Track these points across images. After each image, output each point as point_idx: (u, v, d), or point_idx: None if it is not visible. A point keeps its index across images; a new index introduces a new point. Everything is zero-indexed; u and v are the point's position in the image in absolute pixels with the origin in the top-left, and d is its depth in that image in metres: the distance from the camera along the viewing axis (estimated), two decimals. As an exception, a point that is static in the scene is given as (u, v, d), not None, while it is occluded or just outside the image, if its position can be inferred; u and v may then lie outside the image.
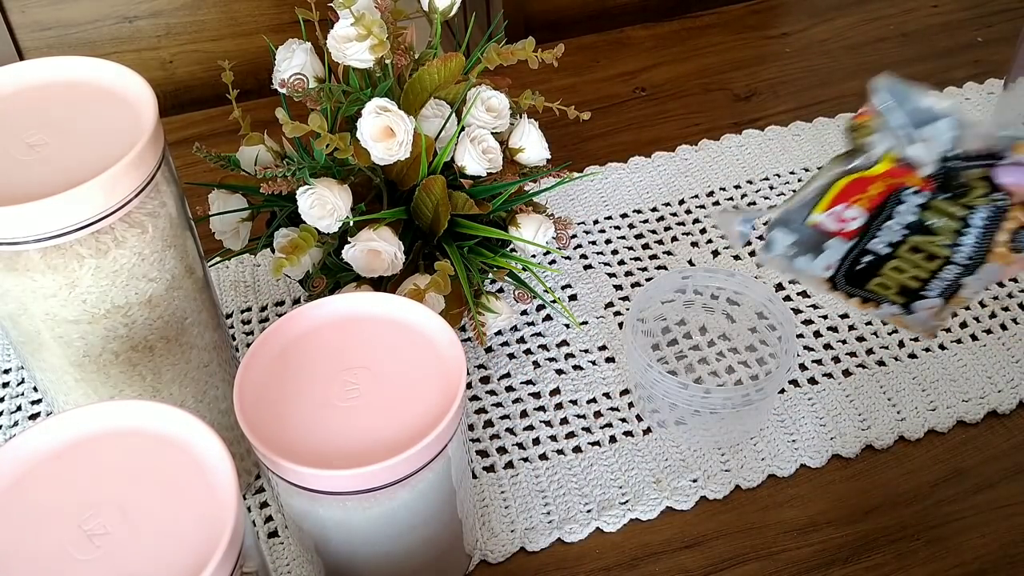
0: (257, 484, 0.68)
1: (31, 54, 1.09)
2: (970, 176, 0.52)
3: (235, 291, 0.83)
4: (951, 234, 0.54)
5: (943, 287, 0.56)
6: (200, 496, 0.44)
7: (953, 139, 0.51)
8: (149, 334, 0.54)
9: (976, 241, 0.54)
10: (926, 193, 0.53)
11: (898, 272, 0.57)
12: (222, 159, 0.70)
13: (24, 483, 0.45)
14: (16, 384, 0.76)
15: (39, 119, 0.52)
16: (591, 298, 0.80)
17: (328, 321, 0.56)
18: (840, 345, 0.75)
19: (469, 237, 0.69)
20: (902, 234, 0.55)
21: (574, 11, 1.23)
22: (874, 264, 0.57)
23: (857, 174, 0.53)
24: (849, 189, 0.54)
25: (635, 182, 0.91)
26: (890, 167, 0.52)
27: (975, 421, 0.70)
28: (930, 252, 0.55)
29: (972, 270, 0.55)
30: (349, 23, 0.63)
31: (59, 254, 0.48)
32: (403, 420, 0.51)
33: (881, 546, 0.63)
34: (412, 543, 0.55)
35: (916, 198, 0.54)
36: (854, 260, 0.57)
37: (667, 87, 1.02)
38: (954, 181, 0.52)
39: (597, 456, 0.69)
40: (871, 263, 0.56)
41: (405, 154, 0.63)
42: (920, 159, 0.52)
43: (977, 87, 0.98)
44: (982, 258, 0.55)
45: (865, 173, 0.53)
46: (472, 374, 0.75)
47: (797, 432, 0.70)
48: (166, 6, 1.09)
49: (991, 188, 0.52)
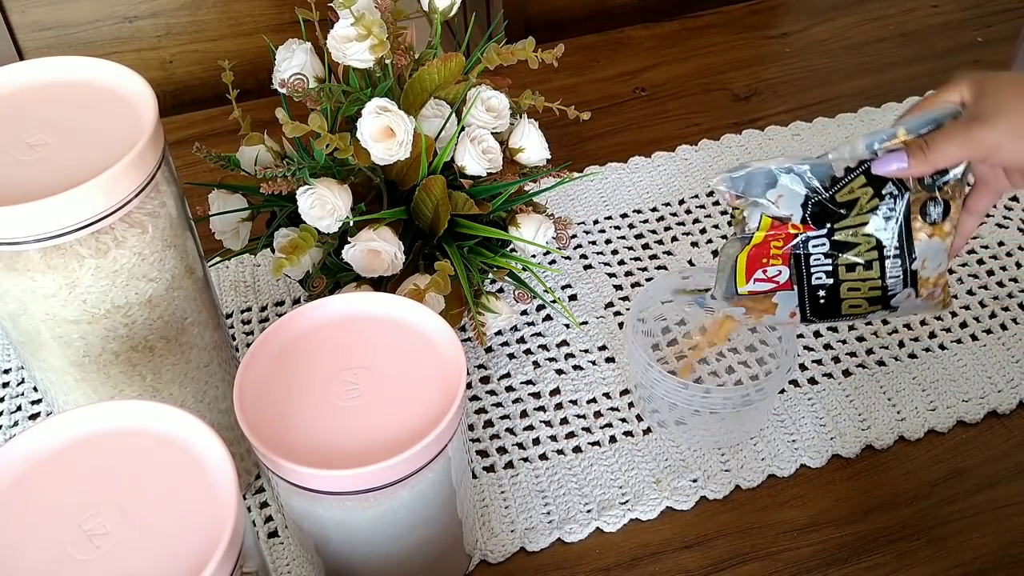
0: (257, 484, 0.68)
1: (31, 54, 1.09)
2: (850, 192, 0.58)
3: (235, 291, 0.83)
4: (867, 238, 0.58)
5: (900, 279, 0.58)
6: (200, 496, 0.44)
7: (805, 182, 0.58)
8: (149, 334, 0.54)
9: (894, 233, 0.58)
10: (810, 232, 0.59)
11: (855, 290, 0.59)
12: (222, 159, 0.70)
13: (24, 483, 0.45)
14: (16, 384, 0.76)
15: (39, 119, 0.52)
16: (591, 298, 0.80)
17: (328, 321, 0.56)
18: (840, 345, 0.75)
19: (469, 237, 0.69)
20: (830, 262, 0.59)
21: (574, 11, 1.23)
22: (831, 294, 0.59)
23: (750, 245, 0.60)
24: (753, 259, 0.60)
25: (635, 182, 0.91)
26: (768, 228, 0.59)
27: (975, 421, 0.70)
28: (864, 261, 0.58)
29: (911, 254, 0.58)
30: (349, 23, 0.63)
31: (59, 254, 0.48)
32: (403, 420, 0.51)
33: (881, 546, 0.63)
34: (412, 543, 0.55)
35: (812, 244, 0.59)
36: (812, 299, 0.60)
37: (667, 87, 1.02)
38: (830, 209, 0.58)
39: (597, 456, 0.69)
40: (828, 294, 0.59)
41: (405, 154, 0.63)
42: (784, 213, 0.59)
43: (977, 87, 0.98)
44: (910, 242, 0.58)
45: (754, 241, 0.59)
46: (472, 374, 0.75)
47: (797, 432, 0.70)
48: (166, 6, 1.09)
49: (878, 187, 0.57)
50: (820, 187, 0.58)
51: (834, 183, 0.58)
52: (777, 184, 0.58)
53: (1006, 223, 0.85)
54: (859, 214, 0.58)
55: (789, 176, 0.58)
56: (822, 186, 0.58)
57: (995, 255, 0.82)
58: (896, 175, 0.56)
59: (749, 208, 0.60)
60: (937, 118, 0.56)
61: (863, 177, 0.57)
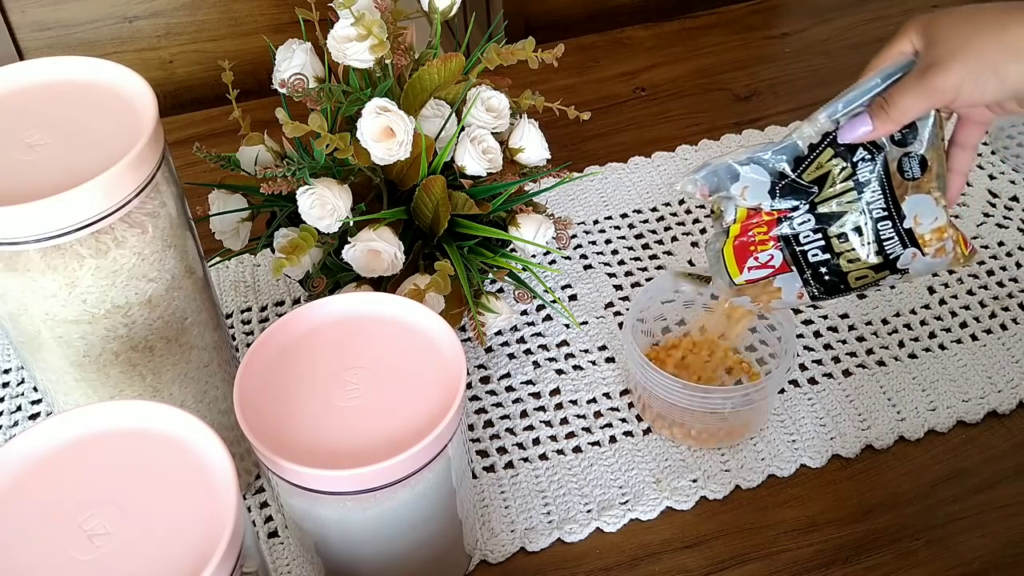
0: (257, 484, 0.68)
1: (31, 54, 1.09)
2: (819, 168, 0.57)
3: (235, 291, 0.83)
4: (852, 205, 0.57)
5: (896, 239, 0.58)
6: (200, 496, 0.44)
7: (769, 168, 0.58)
8: (149, 334, 0.54)
9: (877, 195, 0.57)
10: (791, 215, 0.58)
11: (854, 260, 0.59)
12: (222, 159, 0.70)
13: (24, 483, 0.45)
14: (16, 384, 0.76)
15: (39, 119, 0.52)
16: (591, 298, 0.80)
17: (328, 321, 0.56)
18: (840, 345, 0.75)
19: (469, 237, 0.69)
20: (820, 237, 0.58)
21: (574, 11, 1.23)
22: (833, 268, 0.59)
23: (730, 238, 0.60)
24: (741, 249, 0.60)
25: (635, 182, 0.91)
26: (745, 218, 0.59)
27: (975, 421, 0.70)
28: (854, 227, 0.58)
29: (899, 213, 0.57)
30: (349, 23, 0.63)
31: (59, 254, 0.48)
32: (403, 420, 0.51)
33: (881, 546, 0.63)
34: (412, 543, 0.55)
35: (795, 222, 0.58)
36: (817, 277, 0.60)
37: (667, 87, 1.02)
38: (800, 188, 0.58)
39: (597, 456, 0.69)
40: (830, 269, 0.59)
41: (405, 154, 0.63)
42: (752, 204, 0.59)
43: (977, 87, 0.98)
44: (896, 202, 0.57)
45: (733, 233, 0.60)
46: (472, 374, 0.75)
47: (797, 432, 0.70)
48: (166, 6, 1.09)
49: (848, 156, 0.57)
50: (787, 169, 0.57)
51: (799, 163, 0.57)
52: (740, 177, 0.58)
53: (1006, 223, 0.85)
54: (834, 185, 0.57)
55: (750, 167, 0.58)
56: (789, 168, 0.57)
57: (995, 255, 0.82)
58: (863, 139, 0.56)
59: (724, 202, 0.60)
60: (893, 73, 0.55)
61: (830, 150, 0.57)
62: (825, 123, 0.57)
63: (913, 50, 0.55)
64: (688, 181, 0.59)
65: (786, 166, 0.58)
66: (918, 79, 0.53)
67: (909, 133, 0.56)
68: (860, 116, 0.55)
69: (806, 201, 0.58)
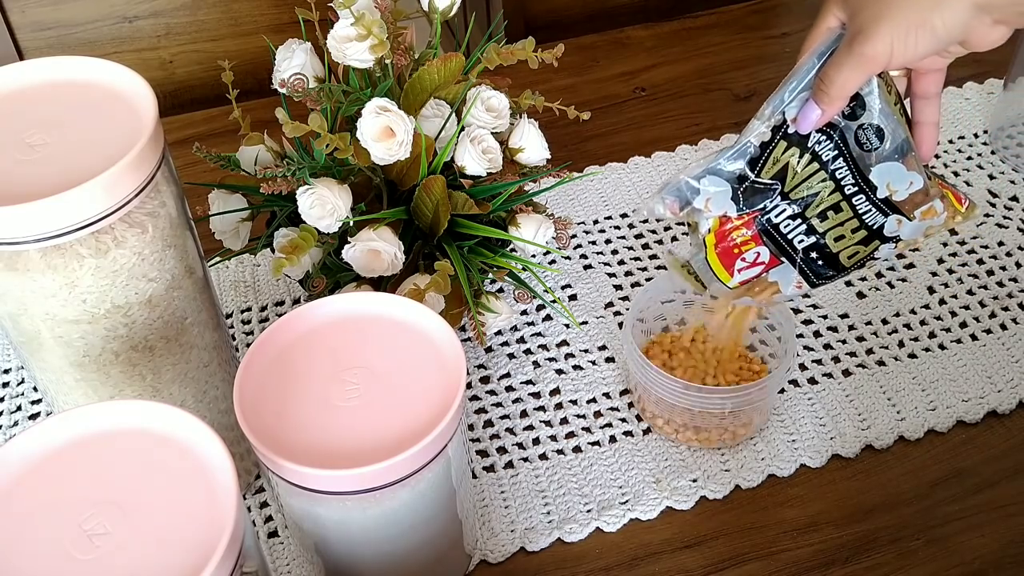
0: (257, 484, 0.68)
1: (31, 54, 1.09)
2: (775, 163, 0.57)
3: (235, 291, 0.83)
4: (824, 184, 0.57)
5: (874, 210, 0.57)
6: (200, 496, 0.44)
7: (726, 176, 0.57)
8: (149, 334, 0.54)
9: (845, 170, 0.57)
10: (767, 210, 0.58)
11: (841, 238, 0.58)
12: (222, 159, 0.70)
13: (24, 483, 0.45)
14: (16, 384, 0.76)
15: (39, 119, 0.52)
16: (591, 298, 0.80)
17: (328, 321, 0.56)
18: (840, 345, 0.75)
19: (469, 237, 0.69)
20: (800, 223, 0.58)
21: (574, 11, 1.23)
22: (822, 250, 0.58)
23: (708, 249, 0.60)
24: (724, 254, 0.60)
25: (635, 182, 0.91)
26: (718, 227, 0.59)
27: (975, 421, 0.70)
28: (832, 206, 0.57)
29: (870, 185, 0.57)
30: (349, 23, 0.63)
31: (59, 254, 0.48)
32: (403, 420, 0.51)
33: (881, 546, 0.63)
34: (412, 543, 0.55)
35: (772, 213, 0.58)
36: (809, 263, 0.59)
37: (667, 87, 1.02)
38: (762, 187, 0.57)
39: (597, 456, 0.69)
40: (820, 252, 0.59)
41: (405, 154, 0.63)
42: (719, 214, 0.59)
43: (977, 87, 0.98)
44: (863, 175, 0.57)
45: (710, 244, 0.60)
46: (472, 374, 0.75)
47: (797, 432, 0.70)
48: (166, 6, 1.09)
49: (803, 142, 0.56)
50: (745, 172, 0.57)
51: (755, 163, 0.57)
52: (700, 191, 0.58)
53: (1006, 223, 0.85)
54: (796, 175, 0.57)
55: (707, 178, 0.57)
56: (747, 170, 0.57)
57: (995, 255, 0.82)
58: (816, 124, 0.55)
59: (696, 213, 0.59)
60: (825, 50, 0.54)
61: (783, 142, 0.56)
62: (773, 117, 0.56)
63: (839, 23, 0.54)
64: (655, 202, 0.59)
65: (744, 169, 0.57)
66: (847, 51, 0.52)
67: (857, 105, 0.55)
68: (808, 103, 0.55)
69: (772, 200, 0.57)
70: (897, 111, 0.56)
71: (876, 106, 0.55)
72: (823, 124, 0.55)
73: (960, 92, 0.98)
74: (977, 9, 0.49)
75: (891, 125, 0.56)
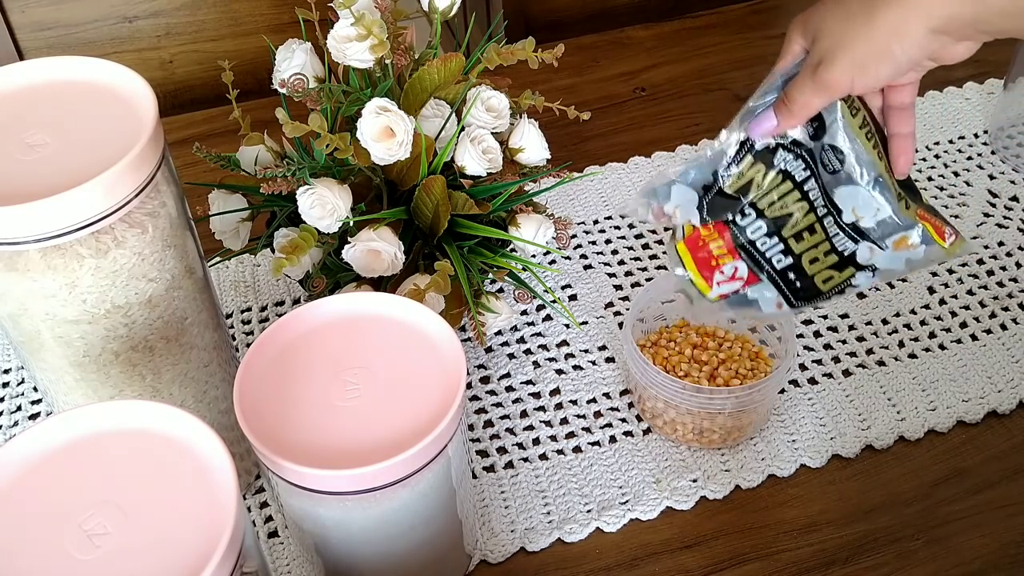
0: (257, 484, 0.68)
1: (31, 54, 1.09)
2: (740, 177, 0.56)
3: (235, 291, 0.83)
4: (798, 205, 0.57)
5: (843, 235, 0.57)
6: (200, 496, 0.44)
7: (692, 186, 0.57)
8: (149, 334, 0.54)
9: (815, 192, 0.57)
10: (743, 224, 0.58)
11: (816, 261, 0.58)
12: (222, 159, 0.70)
13: (24, 483, 0.45)
14: (16, 384, 0.76)
15: (39, 119, 0.52)
16: (591, 298, 0.80)
17: (328, 321, 0.56)
18: (840, 345, 0.75)
19: (469, 237, 0.69)
20: (777, 241, 0.58)
21: (574, 11, 1.23)
22: (799, 272, 0.58)
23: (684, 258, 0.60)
24: (703, 263, 0.59)
25: (635, 182, 0.91)
26: (690, 234, 0.59)
27: (975, 421, 0.70)
28: (807, 227, 0.57)
29: (836, 208, 0.57)
30: (349, 23, 0.63)
31: (59, 254, 0.48)
32: (403, 420, 0.51)
33: (881, 546, 0.63)
34: (412, 543, 0.55)
35: (747, 228, 0.58)
36: (787, 283, 0.59)
37: (667, 87, 1.02)
38: (726, 202, 0.57)
39: (597, 456, 0.69)
40: (798, 274, 0.58)
41: (405, 154, 0.63)
42: (683, 222, 0.59)
43: (977, 87, 0.98)
44: (829, 198, 0.57)
45: (683, 253, 0.59)
46: (472, 374, 0.75)
47: (797, 432, 0.70)
48: (166, 6, 1.09)
49: (768, 160, 0.56)
50: (710, 183, 0.57)
51: (716, 178, 0.57)
52: (671, 196, 0.58)
53: (1006, 223, 0.85)
54: (759, 191, 0.57)
55: (676, 186, 0.57)
56: (712, 181, 0.57)
57: (995, 255, 0.82)
58: (768, 134, 0.55)
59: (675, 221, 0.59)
60: (792, 72, 0.54)
61: (749, 157, 0.56)
62: (739, 131, 0.56)
63: (803, 49, 0.54)
64: (639, 206, 0.59)
65: (710, 179, 0.57)
66: (810, 75, 0.52)
67: (820, 127, 0.55)
68: (765, 113, 0.55)
69: (743, 215, 0.57)
70: (863, 134, 0.56)
71: (838, 128, 0.55)
72: (773, 135, 0.55)
73: (960, 92, 0.98)
74: (935, 33, 0.49)
75: (854, 148, 0.55)
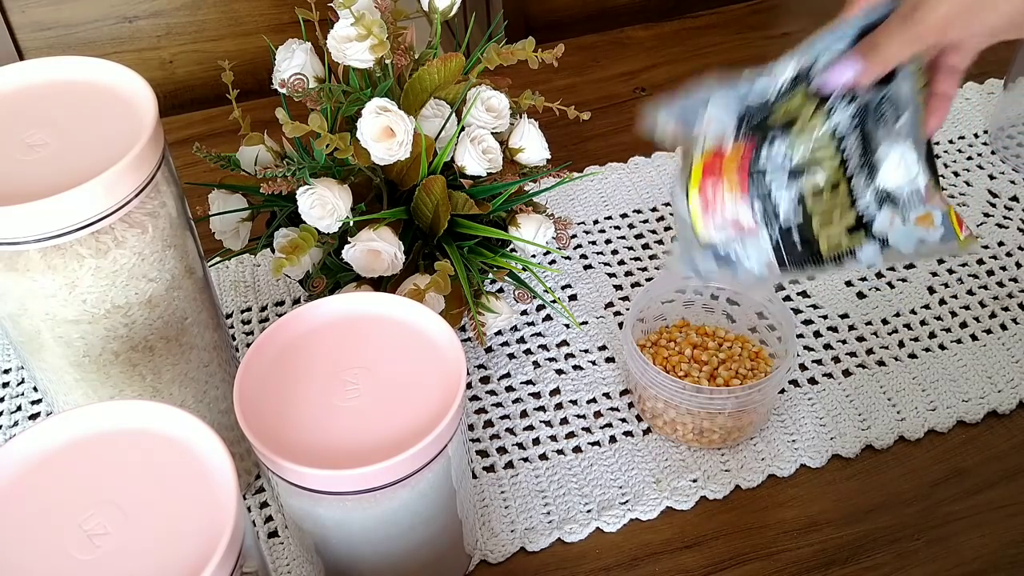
0: (257, 484, 0.68)
1: (31, 54, 1.09)
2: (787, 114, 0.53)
3: (235, 291, 0.83)
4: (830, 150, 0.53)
5: (870, 198, 0.54)
6: (200, 496, 0.44)
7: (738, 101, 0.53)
8: (149, 334, 0.54)
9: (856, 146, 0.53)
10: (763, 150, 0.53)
11: (827, 223, 0.54)
12: (222, 159, 0.70)
13: (24, 483, 0.45)
14: (16, 384, 0.76)
15: (39, 119, 0.52)
16: (591, 298, 0.80)
17: (328, 321, 0.56)
18: (840, 345, 0.75)
19: (469, 237, 0.69)
20: (794, 191, 0.54)
21: (574, 11, 1.23)
22: (805, 237, 0.54)
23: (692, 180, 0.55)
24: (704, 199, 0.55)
25: (635, 182, 0.91)
26: (710, 157, 0.54)
27: (975, 421, 0.70)
28: (830, 182, 0.53)
29: (872, 169, 0.53)
30: (349, 23, 0.63)
31: (59, 254, 0.48)
32: (403, 420, 0.51)
33: (881, 546, 0.63)
34: (412, 543, 0.55)
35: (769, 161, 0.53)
36: (786, 245, 0.55)
37: (667, 87, 1.02)
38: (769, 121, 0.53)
39: (597, 456, 0.69)
40: (802, 239, 0.54)
41: (405, 154, 0.63)
42: (717, 136, 0.54)
43: (977, 87, 0.98)
44: (871, 155, 0.53)
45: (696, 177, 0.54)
46: (472, 374, 0.75)
47: (797, 432, 0.70)
48: (166, 6, 1.09)
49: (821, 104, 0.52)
50: (753, 109, 0.53)
51: (766, 106, 0.53)
52: (707, 110, 0.54)
53: (1006, 223, 0.85)
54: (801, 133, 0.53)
55: (717, 102, 0.54)
56: (756, 108, 0.53)
57: (995, 255, 0.82)
58: (848, 84, 0.52)
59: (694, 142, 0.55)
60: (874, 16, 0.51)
61: (801, 96, 0.53)
62: (799, 66, 0.52)
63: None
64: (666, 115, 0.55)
65: (754, 105, 0.53)
66: (902, 21, 0.50)
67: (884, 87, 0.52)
68: (844, 61, 0.51)
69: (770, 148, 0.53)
70: (921, 97, 0.53)
71: (907, 83, 0.52)
72: (851, 85, 0.52)
73: (960, 92, 0.98)
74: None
75: (913, 106, 0.52)
